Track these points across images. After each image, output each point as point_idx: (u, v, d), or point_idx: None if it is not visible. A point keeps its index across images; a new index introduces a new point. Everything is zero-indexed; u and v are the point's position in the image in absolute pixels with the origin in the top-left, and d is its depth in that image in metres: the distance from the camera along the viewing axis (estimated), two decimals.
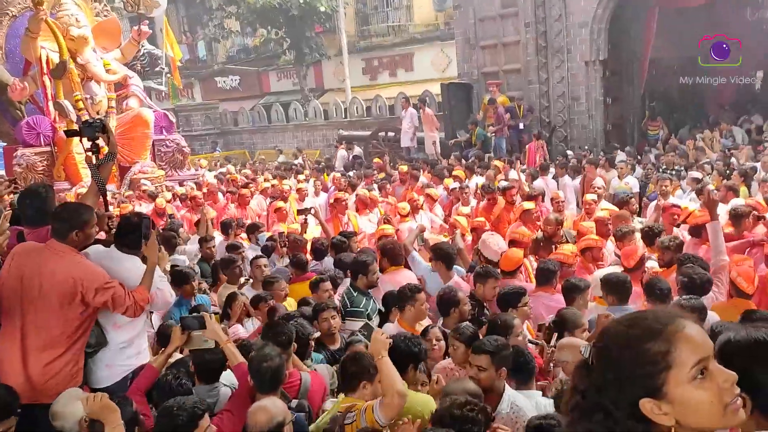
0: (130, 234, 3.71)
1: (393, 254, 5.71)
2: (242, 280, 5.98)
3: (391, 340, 3.16)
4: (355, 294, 4.89)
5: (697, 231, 5.65)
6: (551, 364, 3.92)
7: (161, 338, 4.43)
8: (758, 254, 5.41)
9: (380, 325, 4.71)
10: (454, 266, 5.60)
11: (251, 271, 5.77)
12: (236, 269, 5.90)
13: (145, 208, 10.13)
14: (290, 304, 5.20)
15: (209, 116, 24.71)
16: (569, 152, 13.37)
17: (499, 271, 5.00)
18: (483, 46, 16.01)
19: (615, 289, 4.46)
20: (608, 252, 6.20)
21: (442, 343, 3.87)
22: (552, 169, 11.05)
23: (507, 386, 3.15)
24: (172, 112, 16.75)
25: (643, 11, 15.12)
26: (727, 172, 9.65)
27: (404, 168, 11.60)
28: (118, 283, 3.50)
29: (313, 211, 7.85)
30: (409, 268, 5.75)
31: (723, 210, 6.61)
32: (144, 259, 3.71)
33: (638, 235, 6.00)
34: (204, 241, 7.11)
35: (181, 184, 12.74)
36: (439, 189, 10.12)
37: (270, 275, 5.65)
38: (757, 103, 17.72)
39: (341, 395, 3.39)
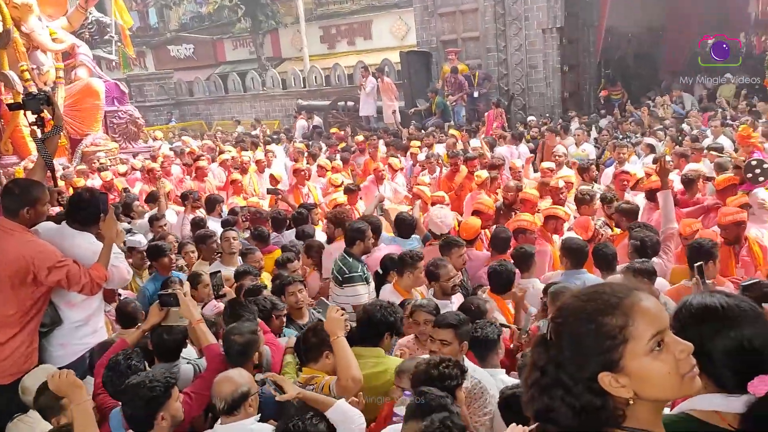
0: (82, 210, 3.62)
1: (343, 222, 5.74)
2: None
3: (347, 320, 3.20)
4: (350, 260, 4.83)
5: (653, 196, 5.82)
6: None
7: (121, 316, 4.38)
8: (714, 219, 5.59)
9: (377, 288, 4.81)
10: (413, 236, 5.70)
11: (220, 244, 5.59)
12: (213, 244, 5.70)
13: (99, 182, 9.89)
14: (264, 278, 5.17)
15: (163, 86, 24.01)
16: (532, 118, 13.49)
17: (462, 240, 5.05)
18: (441, 13, 15.91)
19: (572, 253, 4.59)
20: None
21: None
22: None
23: (469, 362, 3.14)
24: (124, 83, 16.24)
25: None
26: (680, 138, 9.90)
27: (360, 138, 11.55)
28: (72, 261, 3.43)
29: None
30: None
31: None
32: (100, 236, 3.64)
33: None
34: (155, 219, 6.82)
35: (135, 157, 12.43)
36: (404, 159, 10.16)
37: (247, 246, 5.55)
38: (708, 68, 18.13)
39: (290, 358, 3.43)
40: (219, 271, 4.48)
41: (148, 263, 5.60)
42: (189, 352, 3.84)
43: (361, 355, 3.31)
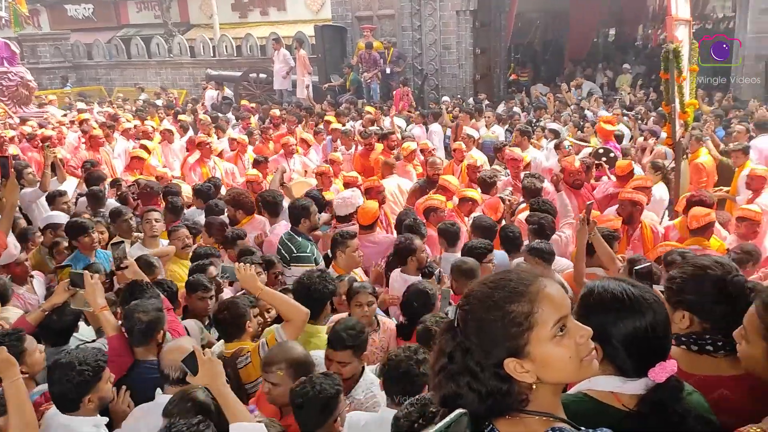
0: None
1: (244, 203, 5.69)
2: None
3: (255, 269, 3.27)
4: (299, 239, 4.71)
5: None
6: None
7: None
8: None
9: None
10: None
11: (141, 225, 5.22)
12: (127, 222, 5.33)
13: None
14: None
15: (59, 48, 22.36)
16: (446, 98, 13.69)
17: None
18: None
19: (482, 232, 4.83)
20: None
21: (374, 307, 3.65)
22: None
23: (367, 370, 3.12)
24: (15, 42, 15.03)
25: None
26: (582, 123, 10.40)
27: (276, 112, 11.34)
28: None
29: None
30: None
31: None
32: None
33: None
34: (57, 195, 6.24)
35: (24, 123, 11.57)
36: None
37: (174, 226, 5.20)
38: (608, 58, 19.12)
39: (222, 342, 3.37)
40: (122, 242, 4.21)
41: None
42: (88, 332, 3.69)
43: (308, 332, 3.38)
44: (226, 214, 5.97)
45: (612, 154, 7.17)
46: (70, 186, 7.15)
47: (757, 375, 1.77)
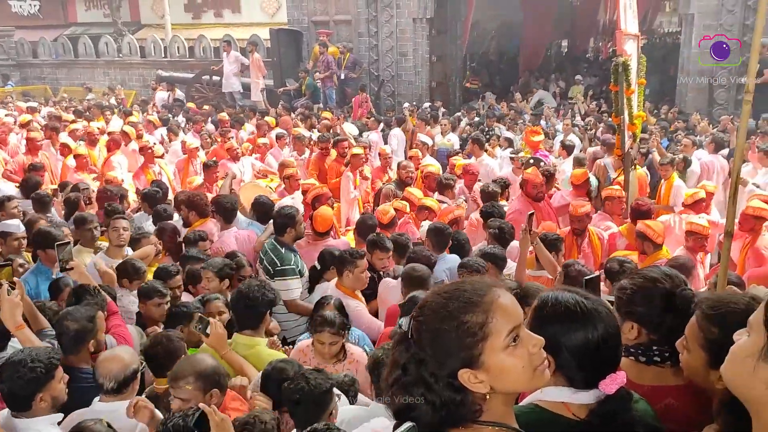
0: None
1: (198, 205, 5.56)
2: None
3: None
4: (282, 250, 4.53)
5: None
6: None
7: None
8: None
9: (312, 285, 4.60)
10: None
11: (108, 233, 4.88)
12: (91, 230, 5.02)
13: None
14: None
15: (2, 45, 21.56)
16: (406, 104, 13.68)
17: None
18: None
19: (436, 236, 4.90)
20: None
21: (338, 344, 3.38)
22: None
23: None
24: None
25: None
26: None
27: (225, 116, 11.18)
28: None
29: None
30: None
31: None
32: None
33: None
34: (6, 200, 5.74)
35: None
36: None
37: (140, 232, 5.00)
38: (561, 69, 19.53)
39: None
40: (69, 243, 3.98)
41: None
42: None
43: (246, 344, 3.31)
44: (178, 216, 5.83)
45: (542, 164, 7.35)
46: (7, 190, 6.80)
47: (698, 384, 1.80)
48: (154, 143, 9.31)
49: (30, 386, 2.56)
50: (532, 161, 7.57)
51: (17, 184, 7.09)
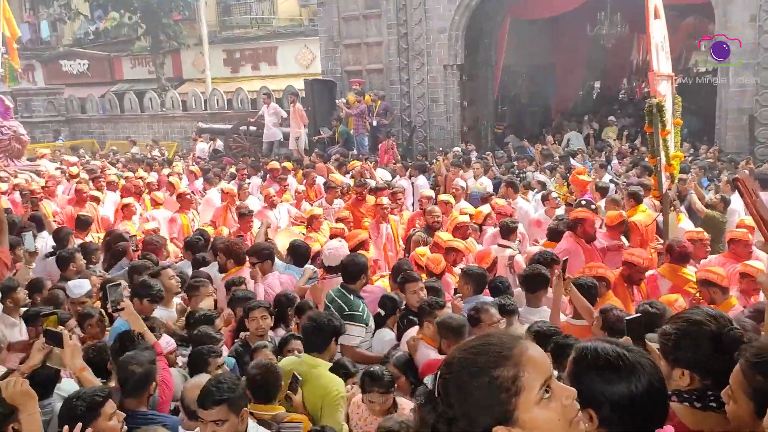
0: None
1: (236, 253, 5.64)
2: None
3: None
4: (351, 297, 4.55)
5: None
6: None
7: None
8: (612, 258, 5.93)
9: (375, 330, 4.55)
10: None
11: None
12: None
13: None
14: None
15: (53, 102, 22.66)
16: (458, 148, 13.75)
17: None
18: (347, 44, 16.18)
19: (474, 279, 4.81)
20: None
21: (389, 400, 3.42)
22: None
23: (250, 422, 2.96)
24: (10, 96, 15.20)
25: (496, 20, 16.09)
26: (568, 175, 10.51)
27: (273, 164, 11.37)
28: None
29: None
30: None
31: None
32: None
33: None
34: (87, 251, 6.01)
35: (17, 176, 11.59)
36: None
37: (195, 279, 5.09)
38: (594, 110, 19.49)
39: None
40: (120, 284, 4.09)
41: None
42: (71, 386, 3.59)
43: (309, 364, 3.53)
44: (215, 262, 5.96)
45: (593, 206, 7.19)
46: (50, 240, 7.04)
47: None
48: (192, 192, 9.61)
49: (74, 423, 2.61)
50: (583, 203, 7.39)
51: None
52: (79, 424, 2.65)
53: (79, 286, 4.86)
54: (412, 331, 4.25)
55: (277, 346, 4.09)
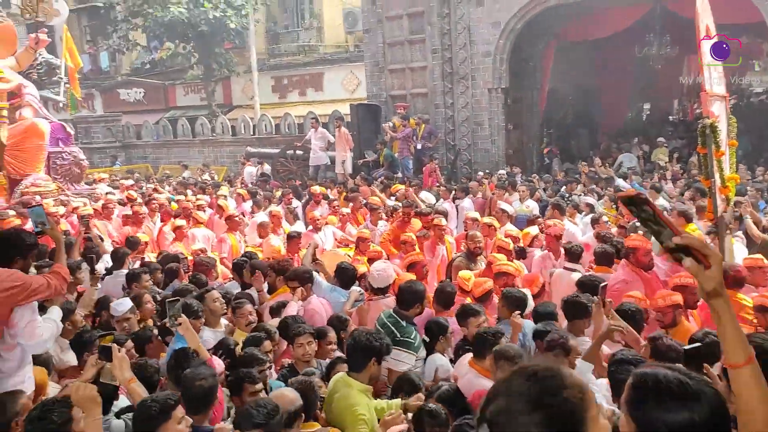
0: None
1: (286, 270, 5.71)
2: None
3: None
4: (403, 323, 4.47)
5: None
6: None
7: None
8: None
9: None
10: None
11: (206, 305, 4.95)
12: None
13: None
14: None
15: (110, 129, 23.63)
16: (503, 171, 13.72)
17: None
18: (391, 69, 16.40)
19: (512, 302, 4.78)
20: None
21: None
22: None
23: None
24: (71, 124, 15.92)
25: (541, 43, 16.07)
26: (617, 197, 10.33)
27: (316, 188, 11.57)
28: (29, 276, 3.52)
29: None
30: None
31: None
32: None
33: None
34: (143, 273, 6.14)
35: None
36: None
37: (236, 300, 5.16)
38: (643, 132, 19.13)
39: None
40: (179, 299, 4.24)
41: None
42: (125, 402, 3.71)
43: (344, 382, 3.58)
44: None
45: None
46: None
47: None
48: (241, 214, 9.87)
49: (146, 425, 2.80)
50: (638, 224, 7.21)
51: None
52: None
53: (122, 304, 5.04)
54: (465, 360, 4.17)
55: (325, 370, 4.12)
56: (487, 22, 14.84)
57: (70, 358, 4.51)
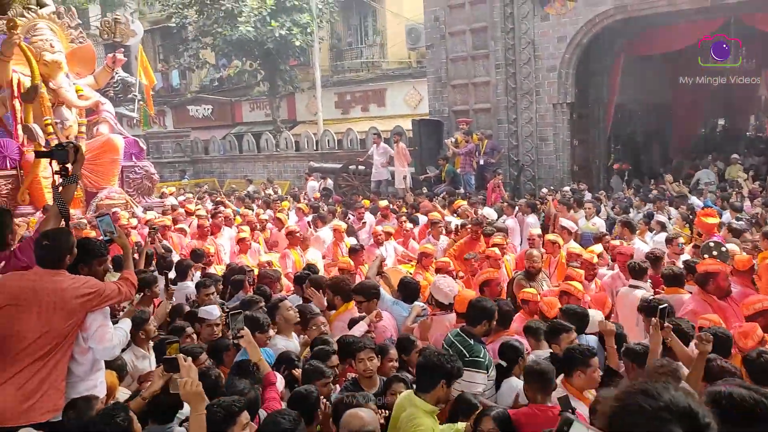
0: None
1: (343, 289, 5.59)
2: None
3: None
4: (471, 341, 4.31)
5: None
6: None
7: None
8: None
9: (498, 382, 4.35)
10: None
11: (280, 315, 4.98)
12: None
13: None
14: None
15: (180, 144, 24.57)
16: (545, 190, 13.48)
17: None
18: (454, 85, 16.36)
19: (574, 319, 4.68)
20: None
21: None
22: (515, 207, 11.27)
23: None
24: (143, 139, 16.61)
25: (609, 57, 15.69)
26: (690, 216, 9.92)
27: (384, 203, 11.61)
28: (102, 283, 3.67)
29: None
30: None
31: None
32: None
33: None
34: (202, 286, 6.22)
35: (145, 212, 12.55)
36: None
37: (310, 312, 5.20)
38: (718, 149, 18.34)
39: None
40: (241, 312, 4.29)
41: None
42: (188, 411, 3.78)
43: (410, 401, 3.52)
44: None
45: (724, 249, 6.68)
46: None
47: None
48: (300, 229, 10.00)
49: (211, 429, 2.87)
50: (712, 245, 6.82)
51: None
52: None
53: (215, 309, 5.20)
54: (557, 380, 3.98)
55: (383, 387, 4.06)
56: (553, 37, 14.63)
57: (145, 366, 4.66)
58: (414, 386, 3.72)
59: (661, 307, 4.05)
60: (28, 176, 11.27)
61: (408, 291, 5.78)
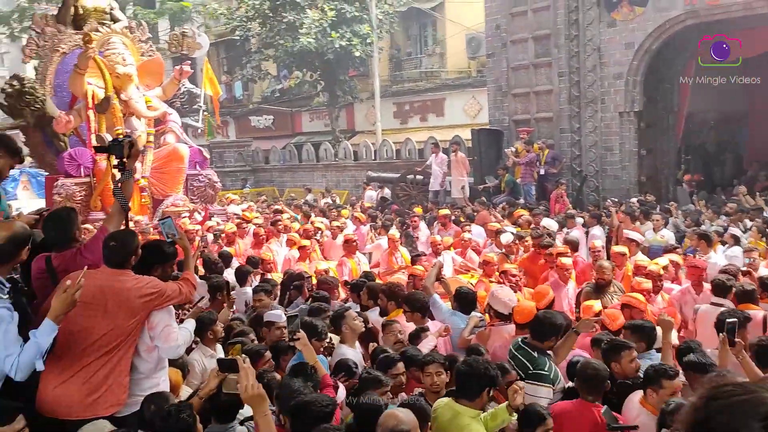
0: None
1: (397, 296, 5.65)
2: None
3: None
4: (535, 354, 4.26)
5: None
6: None
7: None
8: None
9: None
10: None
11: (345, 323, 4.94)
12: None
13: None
14: None
15: (242, 153, 25.16)
16: (635, 199, 12.98)
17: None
18: (515, 93, 16.10)
19: (636, 332, 4.58)
20: None
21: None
22: (580, 219, 10.94)
23: None
24: (207, 149, 17.07)
25: (679, 64, 15.09)
26: (766, 229, 9.39)
27: (444, 212, 11.51)
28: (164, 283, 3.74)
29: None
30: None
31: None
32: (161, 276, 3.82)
33: None
34: (261, 290, 6.32)
35: (210, 218, 12.83)
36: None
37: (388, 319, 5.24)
38: None
39: None
40: (296, 316, 4.31)
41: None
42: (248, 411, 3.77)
43: (451, 408, 3.49)
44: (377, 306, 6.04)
45: None
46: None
47: None
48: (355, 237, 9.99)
49: (317, 423, 2.96)
50: None
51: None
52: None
53: (281, 312, 5.26)
54: (635, 398, 3.86)
55: None
56: (620, 43, 14.18)
57: (213, 365, 4.69)
58: (455, 393, 3.64)
59: (728, 321, 3.84)
60: (100, 183, 11.73)
61: (465, 301, 5.66)
